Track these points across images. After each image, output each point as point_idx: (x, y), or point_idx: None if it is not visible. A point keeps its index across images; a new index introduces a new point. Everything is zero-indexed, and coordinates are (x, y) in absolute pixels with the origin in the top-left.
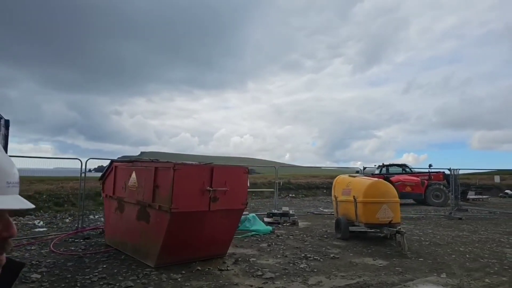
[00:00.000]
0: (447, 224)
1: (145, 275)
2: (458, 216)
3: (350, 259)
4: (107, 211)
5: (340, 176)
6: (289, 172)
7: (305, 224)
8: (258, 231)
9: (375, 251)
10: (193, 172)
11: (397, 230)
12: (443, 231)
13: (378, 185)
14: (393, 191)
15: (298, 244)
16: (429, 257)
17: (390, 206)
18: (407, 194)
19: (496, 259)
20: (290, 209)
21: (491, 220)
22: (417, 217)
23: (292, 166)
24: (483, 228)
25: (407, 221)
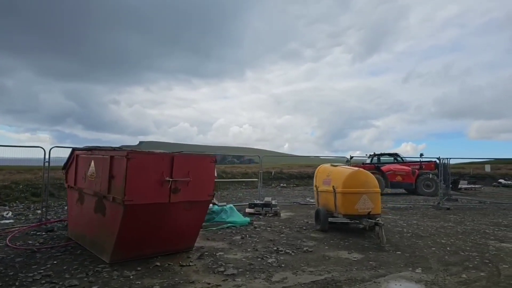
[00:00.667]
0: (434, 215)
1: (96, 272)
2: (446, 206)
3: (324, 253)
4: (70, 202)
5: (322, 165)
6: (287, 162)
7: (288, 214)
8: (235, 222)
9: (352, 244)
10: (150, 162)
11: (376, 222)
12: (428, 222)
13: (358, 175)
14: (373, 181)
15: (273, 237)
16: (407, 250)
17: (370, 196)
18: (397, 184)
19: (478, 252)
20: (273, 199)
21: (480, 210)
22: (404, 207)
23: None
24: (470, 218)
25: (394, 212)
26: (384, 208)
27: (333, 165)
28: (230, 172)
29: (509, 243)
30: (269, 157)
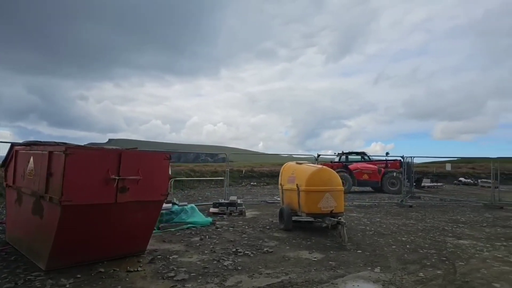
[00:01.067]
0: (397, 212)
1: (27, 281)
2: (409, 204)
3: (284, 253)
4: (8, 203)
5: (287, 163)
6: (260, 160)
7: (254, 213)
8: (196, 223)
9: (314, 243)
10: (94, 158)
11: (338, 221)
12: (391, 220)
13: (321, 173)
14: (336, 179)
15: (234, 237)
16: (368, 248)
17: (333, 194)
18: (364, 182)
19: (436, 249)
20: (241, 198)
21: (440, 207)
22: (369, 205)
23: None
24: (431, 215)
25: (360, 209)
26: (350, 206)
27: (298, 163)
28: (199, 171)
29: (466, 240)
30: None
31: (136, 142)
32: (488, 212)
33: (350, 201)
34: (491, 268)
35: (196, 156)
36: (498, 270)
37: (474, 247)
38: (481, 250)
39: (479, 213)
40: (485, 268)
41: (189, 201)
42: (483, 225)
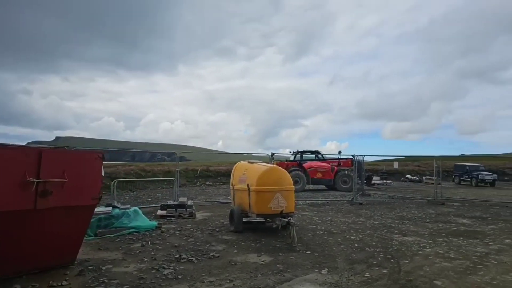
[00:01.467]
0: (347, 210)
1: None
2: (359, 201)
3: (232, 258)
4: None
5: (239, 162)
6: (220, 159)
7: (205, 215)
8: (139, 227)
9: (264, 245)
10: (7, 158)
11: (288, 221)
12: (342, 218)
13: (272, 172)
14: (287, 179)
15: (180, 242)
16: (317, 248)
17: (284, 194)
18: (318, 180)
19: (383, 247)
20: (193, 199)
21: (388, 204)
22: (322, 203)
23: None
24: (379, 213)
25: (312, 208)
26: (303, 204)
27: (250, 162)
28: (151, 171)
29: (410, 237)
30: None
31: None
32: (431, 208)
33: (303, 199)
34: (433, 265)
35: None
36: (440, 266)
37: (418, 243)
38: (424, 246)
39: (423, 209)
40: (427, 265)
41: (137, 204)
42: (427, 221)
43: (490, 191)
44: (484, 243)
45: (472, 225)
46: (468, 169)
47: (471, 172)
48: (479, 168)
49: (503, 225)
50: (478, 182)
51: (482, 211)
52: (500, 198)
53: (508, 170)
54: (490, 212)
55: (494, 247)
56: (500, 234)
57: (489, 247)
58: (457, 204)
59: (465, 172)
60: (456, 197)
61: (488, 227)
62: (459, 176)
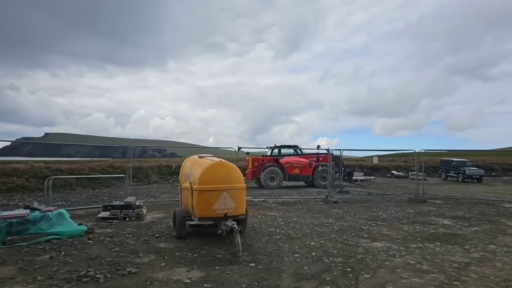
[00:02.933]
0: (319, 209)
1: None
2: (334, 199)
3: (152, 274)
4: None
5: (190, 157)
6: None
7: (157, 216)
8: (61, 234)
9: (202, 256)
10: None
11: (231, 226)
12: (309, 219)
13: (218, 168)
14: (236, 176)
15: (101, 252)
16: (265, 259)
17: (232, 194)
18: (295, 176)
19: (344, 256)
20: (153, 197)
21: (365, 202)
22: (294, 201)
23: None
24: (353, 212)
25: (281, 207)
26: (273, 203)
27: (200, 156)
28: (120, 167)
29: (380, 242)
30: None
31: (76, 137)
32: (411, 206)
33: (275, 197)
34: (399, 282)
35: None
36: (407, 284)
37: (387, 251)
38: (393, 255)
39: (401, 208)
40: (392, 281)
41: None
42: (403, 222)
43: (477, 187)
44: (465, 250)
45: (453, 226)
46: (454, 165)
47: (457, 167)
48: (466, 163)
49: (488, 226)
50: (465, 178)
51: (466, 210)
52: (486, 196)
53: (495, 165)
54: (475, 211)
55: (476, 255)
56: (483, 238)
57: (470, 255)
58: (440, 202)
59: (452, 167)
60: (440, 194)
61: (471, 229)
62: (446, 171)
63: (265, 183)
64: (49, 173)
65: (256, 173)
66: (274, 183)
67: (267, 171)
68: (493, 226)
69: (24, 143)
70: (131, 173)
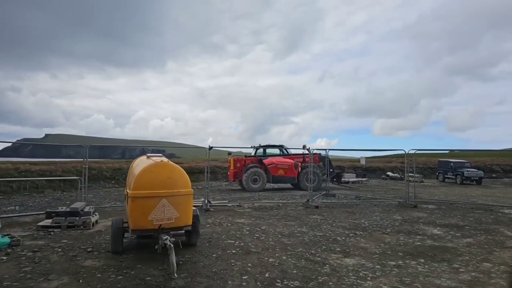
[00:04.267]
0: (295, 216)
1: None
2: (315, 204)
3: None
4: None
5: (138, 158)
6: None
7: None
8: None
9: (127, 279)
10: None
11: (163, 242)
12: (280, 227)
13: (157, 170)
14: (181, 179)
15: (8, 272)
16: (203, 284)
17: (174, 201)
18: (280, 178)
19: (303, 278)
20: (105, 203)
21: (350, 207)
22: (272, 206)
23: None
24: (332, 219)
25: (255, 213)
26: (248, 208)
27: (148, 155)
28: (97, 168)
29: (353, 258)
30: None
31: (76, 138)
32: (400, 212)
33: (254, 201)
34: None
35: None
36: None
37: (358, 270)
38: (364, 277)
39: (388, 214)
40: None
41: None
42: (386, 231)
43: (475, 190)
44: (453, 270)
45: (442, 237)
46: (452, 166)
47: (455, 169)
48: (464, 164)
49: (483, 237)
50: (463, 180)
51: (460, 217)
52: (484, 200)
53: (496, 166)
54: (470, 219)
55: (466, 277)
56: (477, 252)
57: (459, 277)
58: (433, 207)
59: (450, 169)
60: (434, 197)
61: (463, 241)
62: (443, 173)
63: (247, 185)
64: (17, 174)
65: (238, 174)
66: (257, 186)
67: (250, 173)
68: (490, 237)
69: (24, 144)
70: (87, 175)
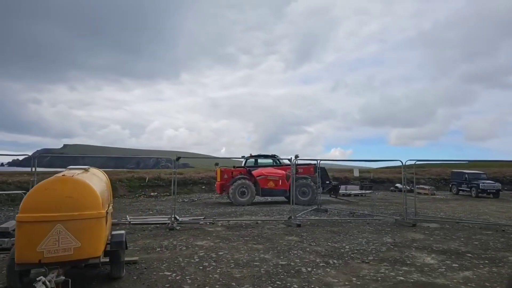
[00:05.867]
0: (269, 237)
1: None
2: (296, 222)
3: None
4: None
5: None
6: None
7: None
8: None
9: None
10: None
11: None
12: (241, 252)
13: (52, 188)
14: (85, 198)
15: None
16: None
17: (73, 226)
18: (270, 191)
19: None
20: None
21: (337, 226)
22: (249, 223)
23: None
24: (310, 241)
25: (224, 233)
26: (221, 225)
27: (70, 168)
28: None
29: None
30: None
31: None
32: (393, 232)
33: (231, 218)
34: None
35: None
36: None
37: None
38: None
39: (379, 235)
40: None
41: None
42: (367, 259)
43: (490, 205)
44: None
45: (434, 269)
46: (467, 177)
47: (470, 180)
48: (480, 176)
49: (486, 269)
50: (478, 193)
51: (464, 240)
52: (498, 217)
53: None
54: (475, 242)
55: None
56: None
57: None
58: (435, 226)
59: (464, 180)
60: (439, 214)
61: (459, 276)
62: (457, 185)
63: (234, 199)
64: None
65: (225, 186)
66: (244, 199)
67: (237, 185)
68: (494, 269)
69: (42, 155)
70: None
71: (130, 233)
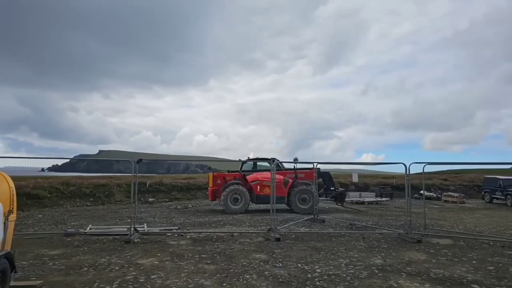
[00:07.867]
0: (231, 254)
1: None
2: (276, 236)
3: None
4: None
5: None
6: None
7: None
8: None
9: None
10: None
11: None
12: (182, 279)
13: None
14: None
15: None
16: None
17: None
18: (265, 198)
19: None
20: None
21: (324, 241)
22: (221, 236)
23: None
24: (279, 261)
25: (187, 247)
26: (189, 238)
27: None
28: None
29: None
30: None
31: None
32: (390, 250)
33: (208, 228)
34: None
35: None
36: None
37: None
38: None
39: (370, 253)
40: None
41: None
42: None
43: None
44: None
45: None
46: (501, 184)
47: (505, 187)
48: None
49: None
50: None
51: (476, 263)
52: None
53: None
54: (489, 267)
55: None
56: None
57: None
58: (446, 242)
59: (498, 187)
60: (458, 226)
61: None
62: (490, 192)
63: (226, 206)
64: None
65: (218, 193)
66: (237, 207)
67: (229, 191)
68: None
69: (80, 160)
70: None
71: (79, 246)
